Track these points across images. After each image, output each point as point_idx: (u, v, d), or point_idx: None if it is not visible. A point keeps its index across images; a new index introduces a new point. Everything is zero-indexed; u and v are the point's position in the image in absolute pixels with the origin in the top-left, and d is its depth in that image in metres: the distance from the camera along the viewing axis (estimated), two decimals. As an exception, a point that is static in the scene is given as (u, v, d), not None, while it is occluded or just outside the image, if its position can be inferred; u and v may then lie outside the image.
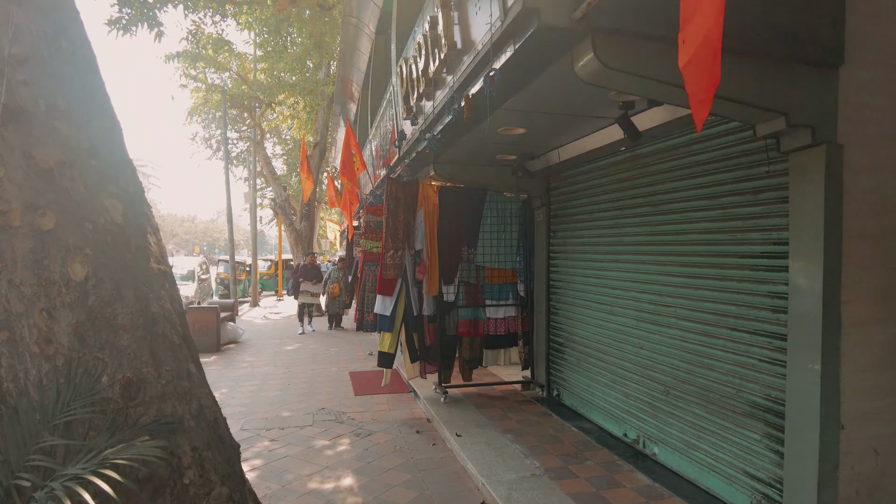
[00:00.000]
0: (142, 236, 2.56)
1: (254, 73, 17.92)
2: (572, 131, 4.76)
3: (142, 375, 2.30)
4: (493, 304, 6.51)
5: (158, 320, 2.47)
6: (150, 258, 2.56)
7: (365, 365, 8.85)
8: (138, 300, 2.41)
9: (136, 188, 2.66)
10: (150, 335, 2.40)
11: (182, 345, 2.55)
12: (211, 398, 2.64)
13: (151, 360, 2.35)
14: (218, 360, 9.41)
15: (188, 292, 15.28)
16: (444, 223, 6.29)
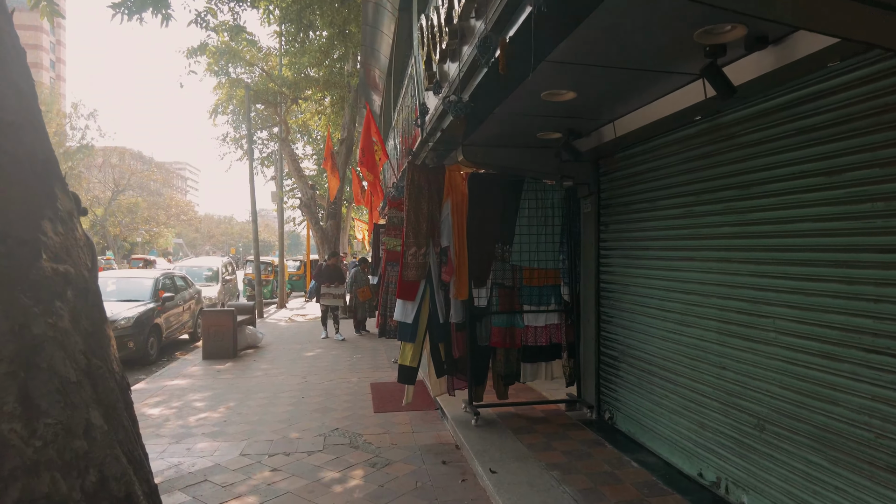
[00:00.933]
0: (32, 220, 1.75)
1: (279, 67, 17.35)
2: (635, 95, 3.80)
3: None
4: (533, 309, 5.58)
5: (44, 347, 1.64)
6: (42, 253, 1.75)
7: (388, 374, 8.02)
8: (8, 318, 1.59)
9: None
10: (25, 370, 1.58)
11: (82, 382, 1.73)
12: (125, 462, 1.80)
13: (19, 408, 1.53)
14: (232, 367, 8.72)
15: (212, 293, 14.78)
16: (474, 216, 5.39)
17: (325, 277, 11.54)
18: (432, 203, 5.28)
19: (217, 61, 15.19)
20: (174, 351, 11.23)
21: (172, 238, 76.63)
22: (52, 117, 58.51)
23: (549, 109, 4.06)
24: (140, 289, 10.78)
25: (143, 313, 9.84)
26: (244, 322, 10.47)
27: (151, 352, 9.98)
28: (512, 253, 5.53)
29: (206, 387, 7.39)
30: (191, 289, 12.64)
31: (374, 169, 7.38)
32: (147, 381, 7.86)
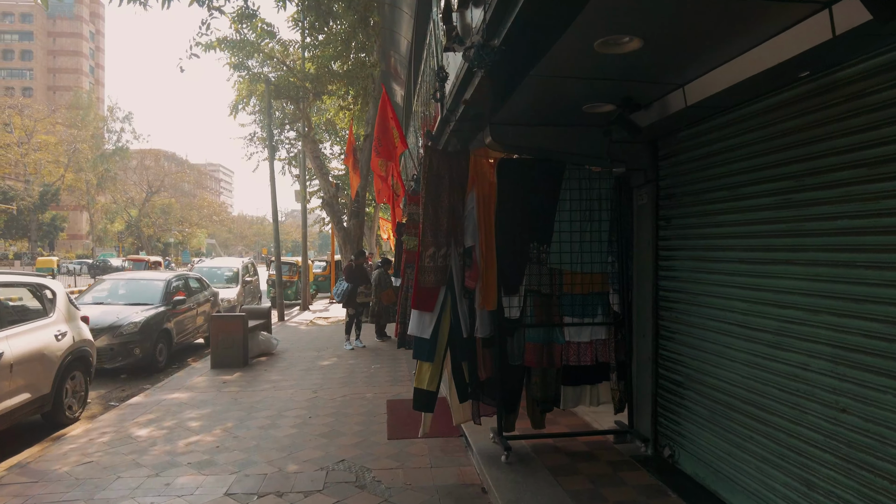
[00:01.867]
0: None
1: (300, 61, 16.72)
2: (721, 43, 2.84)
3: None
4: (575, 322, 4.65)
5: None
6: None
7: (407, 388, 7.18)
8: None
9: None
10: None
11: None
12: None
13: None
14: (240, 378, 8.01)
15: (230, 295, 14.21)
16: (504, 210, 4.50)
17: (360, 279, 10.72)
18: (454, 195, 4.40)
19: (235, 54, 14.60)
20: (187, 357, 10.63)
21: (205, 238, 77.74)
22: (89, 121, 60.13)
23: (602, 68, 3.14)
24: (150, 292, 10.20)
25: (151, 318, 9.23)
26: (257, 327, 9.78)
27: (160, 359, 9.37)
28: (550, 254, 4.62)
29: (207, 402, 6.67)
30: (206, 291, 12.06)
31: (394, 158, 6.55)
32: (146, 393, 7.20)
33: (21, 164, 53.41)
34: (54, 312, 6.43)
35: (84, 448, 5.07)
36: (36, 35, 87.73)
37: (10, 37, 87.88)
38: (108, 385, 8.37)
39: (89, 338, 6.95)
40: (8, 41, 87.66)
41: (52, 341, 6.15)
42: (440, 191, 4.34)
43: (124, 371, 8.89)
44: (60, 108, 61.35)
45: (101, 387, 8.24)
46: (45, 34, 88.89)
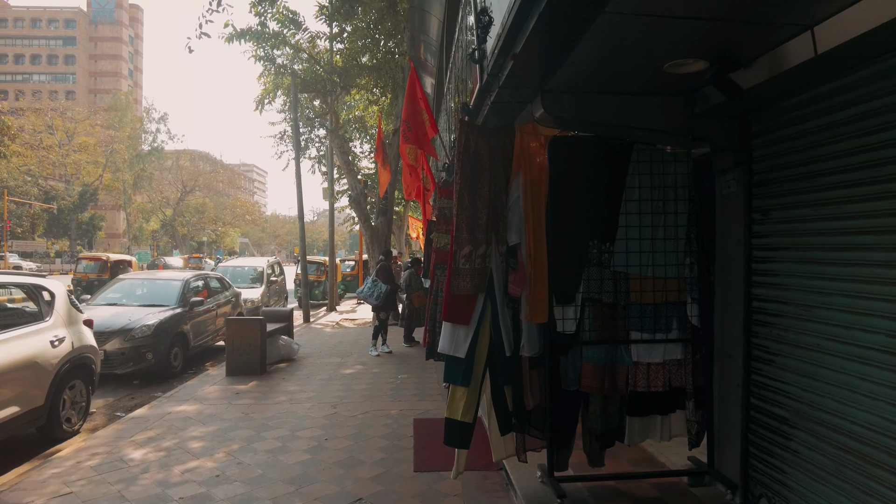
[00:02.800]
0: None
1: (328, 53, 16.13)
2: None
3: None
4: (645, 338, 3.77)
5: None
6: None
7: (437, 404, 6.40)
8: None
9: None
10: None
11: None
12: None
13: None
14: (255, 388, 7.35)
15: (253, 296, 13.67)
16: (558, 199, 3.66)
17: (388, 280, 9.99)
18: (496, 181, 3.59)
19: (260, 45, 14.08)
20: (205, 361, 10.08)
21: (238, 237, 78.63)
22: (126, 122, 61.38)
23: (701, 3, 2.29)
24: (166, 292, 9.67)
25: (165, 320, 8.68)
26: (277, 331, 9.14)
27: (175, 364, 8.82)
28: (614, 254, 3.76)
29: (215, 416, 6.01)
30: (227, 291, 11.52)
31: (424, 144, 5.77)
32: (152, 405, 6.59)
33: (62, 164, 54.80)
34: (52, 316, 5.86)
35: (67, 474, 4.43)
36: (79, 40, 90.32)
37: (54, 42, 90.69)
38: (118, 392, 7.83)
39: (92, 343, 6.37)
40: (53, 46, 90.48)
41: (46, 348, 5.56)
42: (478, 176, 3.53)
43: (137, 377, 8.35)
44: (99, 110, 62.81)
45: (110, 393, 7.70)
46: (87, 39, 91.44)
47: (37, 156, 51.59)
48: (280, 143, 24.44)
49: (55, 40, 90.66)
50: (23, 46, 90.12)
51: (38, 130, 52.98)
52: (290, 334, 9.92)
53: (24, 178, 50.48)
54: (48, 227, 56.13)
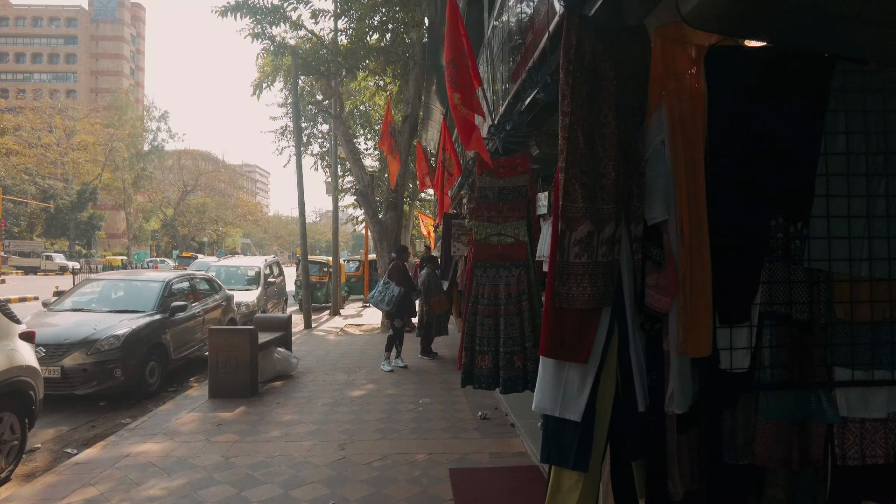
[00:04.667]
0: None
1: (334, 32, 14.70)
2: None
3: None
4: (858, 378, 2.29)
5: None
6: None
7: (476, 444, 4.93)
8: None
9: None
10: None
11: None
12: None
13: None
14: (242, 417, 5.89)
15: (248, 298, 12.19)
16: (721, 149, 2.19)
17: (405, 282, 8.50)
18: (626, 114, 2.12)
19: (259, 21, 12.66)
20: (189, 375, 8.63)
21: (240, 238, 77.35)
22: (126, 120, 60.16)
23: None
24: (144, 296, 8.22)
25: (139, 329, 7.23)
26: (272, 343, 7.68)
27: (151, 381, 7.36)
28: (809, 241, 2.28)
29: (186, 462, 4.55)
30: (217, 294, 10.05)
31: (470, 97, 4.29)
32: (105, 443, 5.12)
33: (60, 163, 53.58)
34: (-33, 329, 4.41)
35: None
36: (80, 39, 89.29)
37: (56, 41, 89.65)
38: (78, 417, 6.38)
39: (29, 363, 4.91)
40: (54, 45, 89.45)
41: (-47, 373, 4.12)
42: (598, 104, 2.06)
43: (103, 397, 6.89)
44: (100, 108, 61.60)
45: (67, 420, 6.26)
46: (89, 38, 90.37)
47: (35, 154, 50.43)
48: (281, 139, 23.18)
49: (56, 39, 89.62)
50: (24, 45, 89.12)
51: (36, 129, 51.84)
52: (287, 345, 8.46)
53: (21, 177, 49.30)
54: (46, 227, 54.94)
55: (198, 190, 64.40)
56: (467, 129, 4.52)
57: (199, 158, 67.79)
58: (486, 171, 4.80)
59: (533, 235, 4.81)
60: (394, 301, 8.29)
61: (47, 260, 41.88)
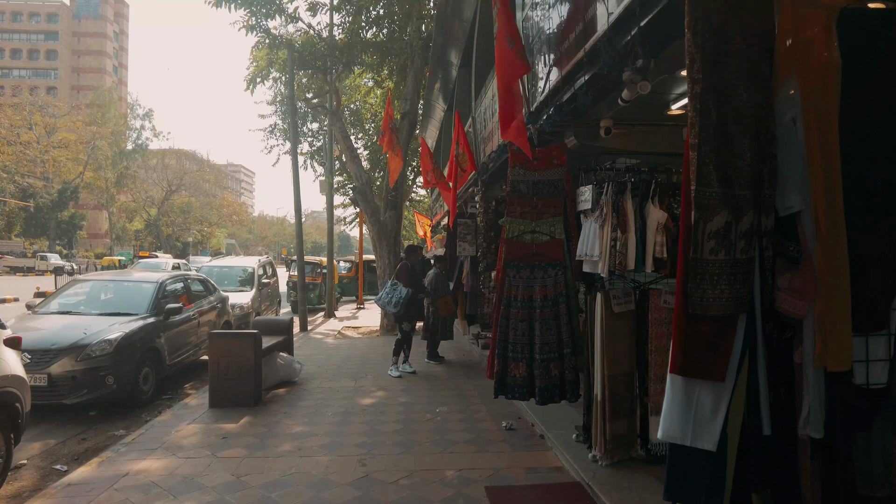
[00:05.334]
0: None
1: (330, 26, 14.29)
2: None
3: None
4: None
5: None
6: None
7: (507, 458, 4.58)
8: None
9: None
10: None
11: None
12: None
13: None
14: (248, 428, 5.47)
15: (243, 300, 11.71)
16: (858, 127, 1.86)
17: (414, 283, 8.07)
18: (758, 87, 1.78)
19: (253, 12, 12.21)
20: (184, 381, 8.18)
21: (224, 238, 76.21)
22: (109, 118, 58.88)
23: None
24: (136, 298, 7.74)
25: (133, 333, 6.77)
26: (275, 347, 7.26)
27: (145, 388, 6.90)
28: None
29: (193, 482, 4.14)
30: (212, 296, 9.59)
31: (514, 65, 3.89)
32: (102, 459, 4.68)
33: (41, 161, 52.27)
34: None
35: None
36: (61, 35, 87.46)
37: (35, 37, 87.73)
38: (66, 429, 5.92)
39: (14, 371, 4.47)
40: (34, 41, 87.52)
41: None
42: (728, 75, 1.72)
43: (93, 406, 6.43)
44: (81, 106, 60.25)
45: (54, 432, 5.80)
46: (70, 34, 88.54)
47: (13, 151, 49.10)
48: (270, 137, 22.69)
49: (37, 35, 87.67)
50: (2, 41, 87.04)
51: (15, 126, 50.49)
52: (289, 350, 8.04)
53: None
54: (26, 226, 53.56)
55: (182, 190, 63.26)
56: (508, 115, 4.18)
57: (183, 158, 66.61)
58: (520, 163, 4.46)
59: (570, 233, 4.48)
60: (402, 303, 7.89)
61: (42, 260, 40.61)
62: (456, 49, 10.52)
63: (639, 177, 4.12)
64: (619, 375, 4.10)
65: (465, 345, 10.45)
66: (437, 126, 16.14)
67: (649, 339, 4.15)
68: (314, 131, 22.98)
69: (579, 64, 3.30)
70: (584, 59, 3.23)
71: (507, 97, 4.29)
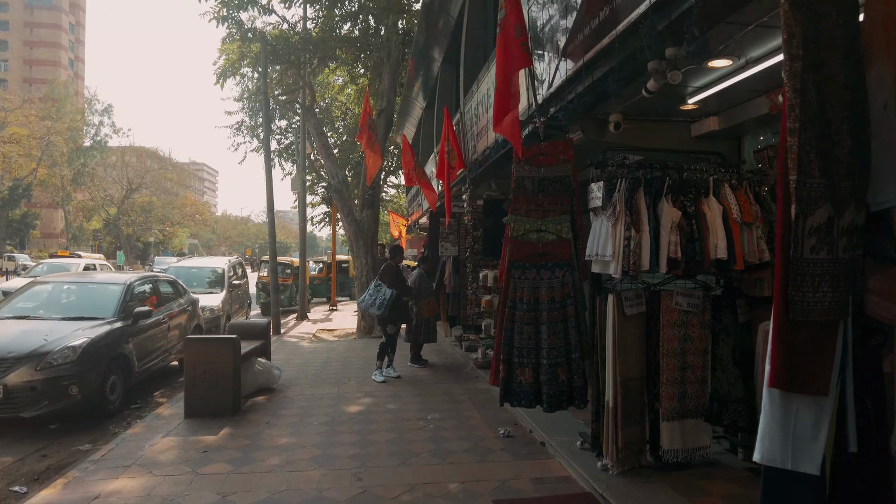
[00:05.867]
0: None
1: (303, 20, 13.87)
2: None
3: None
4: None
5: None
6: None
7: (511, 467, 4.36)
8: None
9: None
10: None
11: None
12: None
13: None
14: (230, 441, 5.11)
15: (213, 302, 11.19)
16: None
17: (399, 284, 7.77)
18: (852, 67, 1.60)
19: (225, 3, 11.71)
20: (153, 389, 7.72)
21: (187, 238, 74.07)
22: (65, 113, 56.45)
23: None
24: (102, 301, 7.25)
25: (97, 340, 6.29)
26: (253, 353, 6.88)
27: (112, 397, 6.44)
28: None
29: (171, 503, 3.78)
30: (182, 298, 9.11)
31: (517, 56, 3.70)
32: (69, 478, 4.27)
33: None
34: None
35: None
36: (12, 25, 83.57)
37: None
38: (24, 444, 5.44)
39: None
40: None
41: None
42: (823, 49, 1.53)
43: (55, 419, 5.94)
44: (34, 100, 57.59)
45: (11, 448, 5.33)
46: (22, 24, 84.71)
47: (-42, 146, 46.61)
48: (237, 134, 22.08)
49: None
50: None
51: (-40, 120, 47.96)
52: (267, 355, 7.67)
53: (-58, 171, 45.50)
54: (-28, 226, 50.94)
55: (143, 188, 61.13)
56: (503, 108, 3.96)
57: (144, 155, 64.40)
58: (525, 159, 4.25)
59: (577, 232, 4.29)
60: (385, 305, 7.60)
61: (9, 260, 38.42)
62: (439, 45, 10.28)
63: (651, 173, 3.96)
64: (630, 380, 3.93)
65: (448, 347, 10.21)
66: (414, 123, 15.86)
67: (660, 342, 4.00)
68: (282, 129, 22.46)
69: (608, 48, 3.11)
70: (616, 43, 3.04)
71: (505, 89, 4.08)
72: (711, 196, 3.95)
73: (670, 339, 3.98)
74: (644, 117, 4.42)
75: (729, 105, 4.08)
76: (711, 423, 4.05)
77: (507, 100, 3.94)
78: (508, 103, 3.96)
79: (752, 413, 3.97)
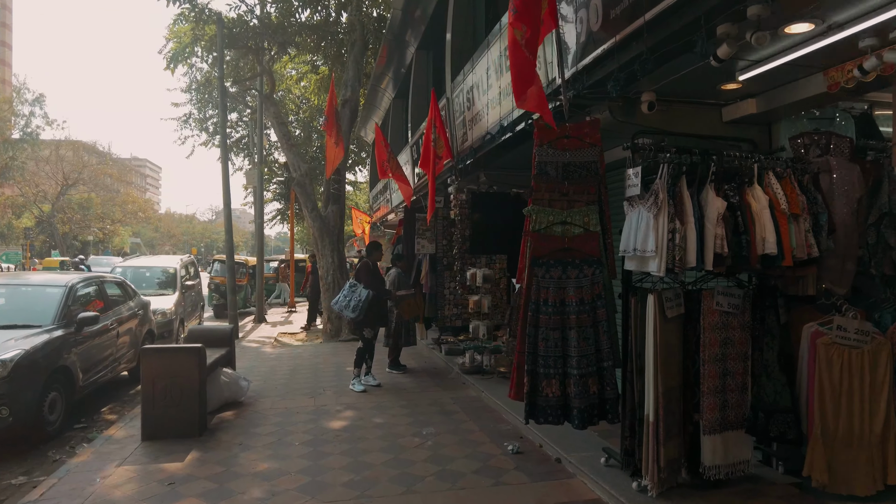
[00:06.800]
0: None
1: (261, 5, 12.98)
2: None
3: None
4: None
5: None
6: None
7: (535, 495, 3.86)
8: None
9: None
10: None
11: None
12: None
13: None
14: (199, 468, 4.40)
15: (165, 305, 10.20)
16: None
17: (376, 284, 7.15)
18: None
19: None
20: (100, 405, 6.85)
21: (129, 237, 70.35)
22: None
23: None
24: (39, 306, 6.34)
25: (32, 352, 5.41)
26: (219, 361, 6.14)
27: (51, 418, 5.58)
28: None
29: (136, 554, 3.09)
30: (132, 301, 8.20)
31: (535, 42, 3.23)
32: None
33: None
34: None
35: None
36: (-72, 7, 77.28)
37: None
38: (-56, 479, 4.56)
39: None
40: None
41: None
42: None
43: (-20, 446, 5.06)
44: (-46, 87, 53.26)
45: (-72, 485, 4.43)
46: (-61, 6, 78.47)
47: None
48: (184, 127, 20.88)
49: None
50: None
51: None
52: (232, 364, 6.92)
53: None
54: None
55: (80, 184, 57.51)
56: (524, 81, 3.45)
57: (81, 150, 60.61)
58: (548, 142, 3.75)
59: (606, 224, 3.84)
60: (360, 307, 6.94)
61: None
62: (415, 29, 9.68)
63: (689, 159, 3.55)
64: (672, 390, 3.50)
65: (425, 350, 9.65)
66: (381, 116, 15.19)
67: (701, 347, 3.59)
68: (233, 121, 21.35)
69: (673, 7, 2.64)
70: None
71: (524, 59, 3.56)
72: (756, 184, 3.57)
73: (712, 344, 3.57)
74: (674, 98, 4.01)
75: (771, 85, 3.71)
76: (755, 434, 3.68)
77: (530, 67, 3.43)
78: (531, 73, 3.45)
79: (799, 423, 3.62)
